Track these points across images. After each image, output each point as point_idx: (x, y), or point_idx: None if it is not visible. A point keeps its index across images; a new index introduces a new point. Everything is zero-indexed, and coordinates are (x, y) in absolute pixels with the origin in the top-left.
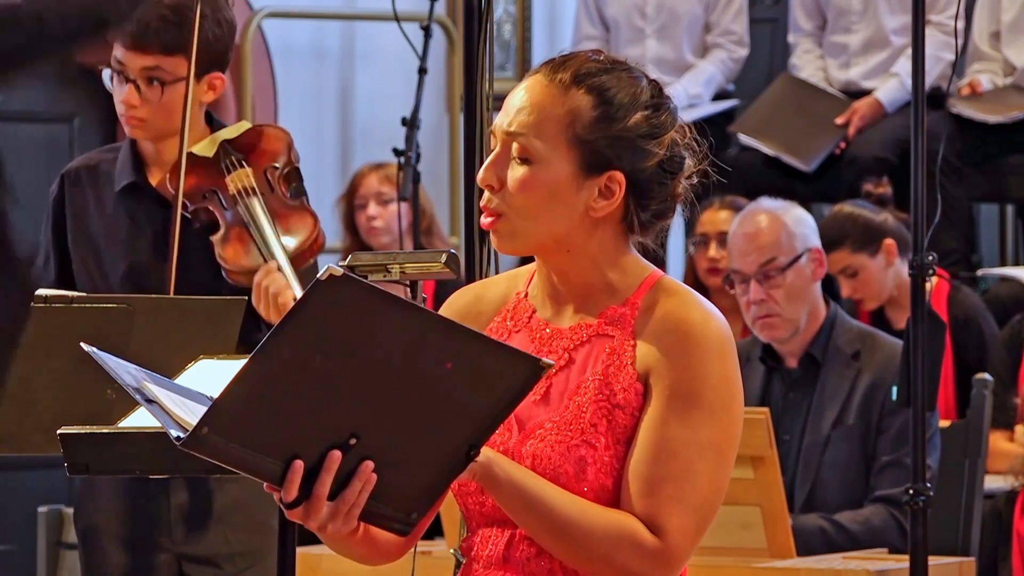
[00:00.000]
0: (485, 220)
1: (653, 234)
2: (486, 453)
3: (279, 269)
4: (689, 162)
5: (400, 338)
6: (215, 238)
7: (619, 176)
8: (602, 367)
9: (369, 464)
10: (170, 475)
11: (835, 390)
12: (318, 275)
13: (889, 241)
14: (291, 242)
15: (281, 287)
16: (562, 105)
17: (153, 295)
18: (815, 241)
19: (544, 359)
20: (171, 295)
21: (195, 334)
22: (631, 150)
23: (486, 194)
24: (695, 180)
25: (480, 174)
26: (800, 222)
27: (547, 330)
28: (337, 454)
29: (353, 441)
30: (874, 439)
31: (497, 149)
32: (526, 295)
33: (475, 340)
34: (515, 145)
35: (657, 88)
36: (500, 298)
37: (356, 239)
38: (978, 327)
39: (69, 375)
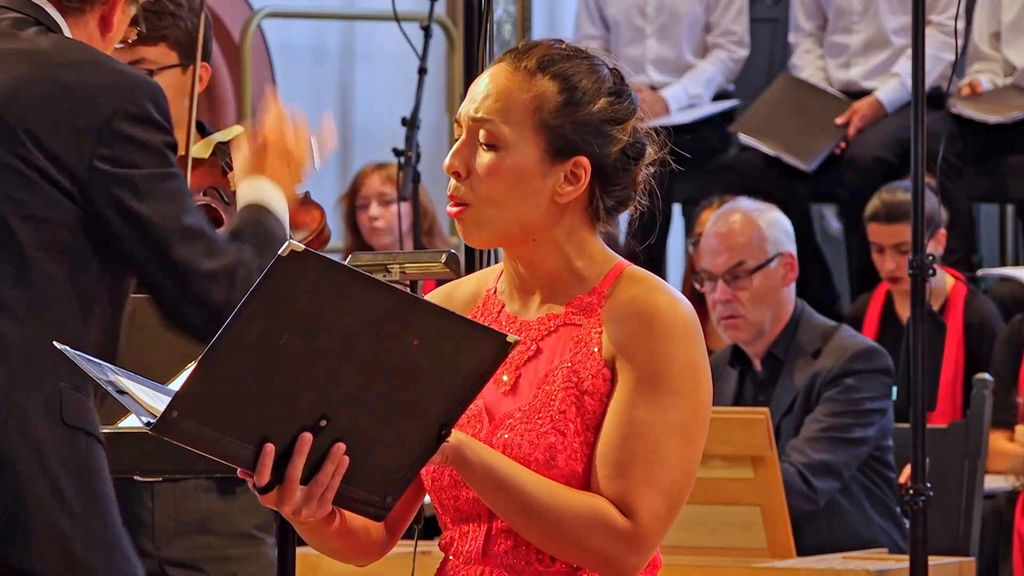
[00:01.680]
0: (451, 209)
1: (616, 222)
2: (457, 436)
3: None
4: (650, 149)
5: (366, 315)
6: (220, 231)
7: (584, 161)
8: (570, 355)
9: (341, 446)
10: (170, 476)
11: (792, 387)
12: (278, 251)
13: (943, 232)
14: (298, 235)
15: None
16: (528, 91)
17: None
18: (788, 246)
19: (510, 335)
20: None
21: None
22: (596, 135)
23: (452, 182)
24: (654, 169)
25: (446, 161)
26: (775, 225)
27: (515, 323)
28: (308, 436)
29: (324, 423)
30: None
31: (463, 136)
32: (495, 291)
33: (441, 316)
34: (482, 132)
35: (619, 76)
36: (470, 296)
37: (358, 239)
38: (992, 334)
39: None
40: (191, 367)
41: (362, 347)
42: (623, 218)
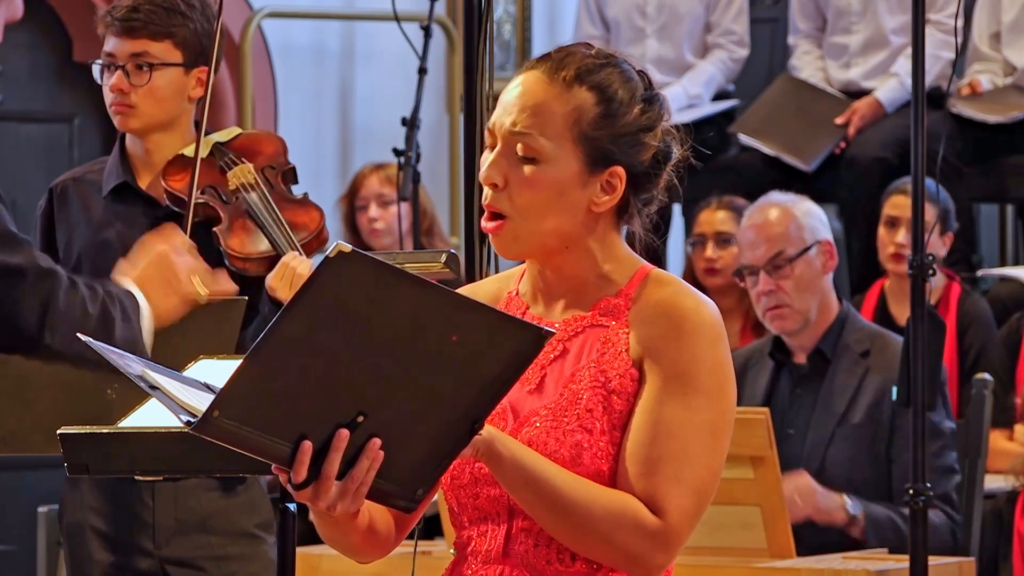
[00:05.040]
0: (488, 224)
1: (640, 222)
2: (489, 430)
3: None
4: (675, 150)
5: (408, 312)
6: (219, 229)
7: (620, 171)
8: (597, 355)
9: (376, 441)
10: (170, 475)
11: (842, 386)
12: (326, 252)
13: (950, 234)
14: (297, 236)
15: (308, 266)
16: (566, 103)
17: None
18: (825, 234)
19: (546, 327)
20: None
21: (195, 334)
22: (631, 144)
23: (487, 191)
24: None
25: (483, 172)
26: (810, 214)
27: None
28: (345, 433)
29: (360, 419)
30: (888, 439)
31: (499, 147)
32: (517, 292)
33: (479, 311)
34: (520, 144)
35: (648, 80)
36: (491, 298)
37: (357, 240)
38: (984, 333)
39: (69, 375)
40: (202, 359)
41: (402, 344)
42: None
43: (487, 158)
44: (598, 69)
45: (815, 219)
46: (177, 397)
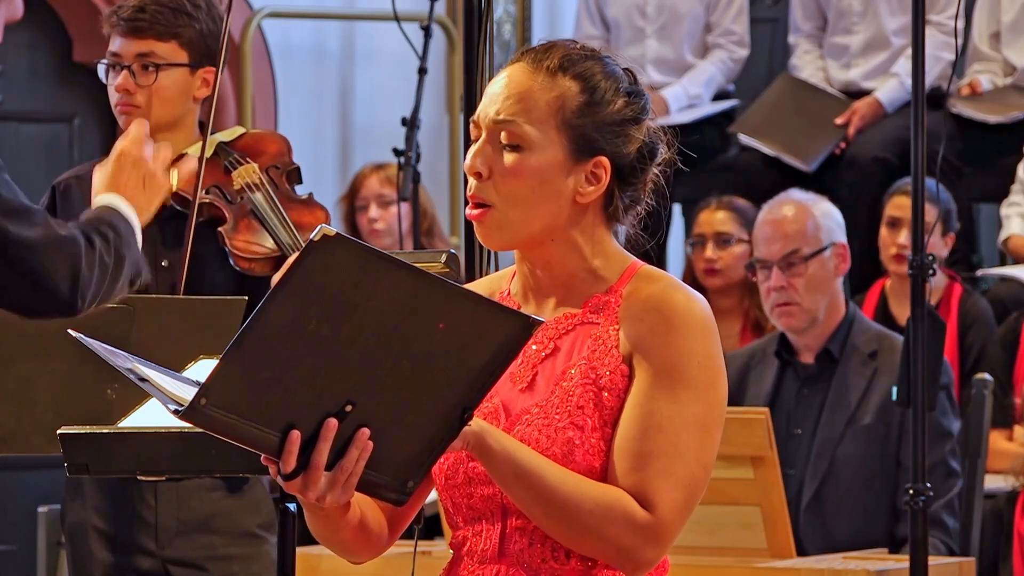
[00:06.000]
0: (472, 212)
1: (629, 221)
2: (479, 423)
3: None
4: (662, 149)
5: (394, 298)
6: (224, 228)
7: (605, 161)
8: (588, 352)
9: (365, 431)
10: (169, 475)
11: (851, 387)
12: (311, 236)
13: (952, 235)
14: (304, 234)
15: None
16: (550, 91)
17: (153, 295)
18: (840, 236)
19: (534, 316)
20: (178, 295)
21: (195, 334)
22: (616, 135)
23: (472, 182)
24: (660, 168)
25: (467, 161)
26: (827, 215)
27: None
28: (333, 422)
29: (349, 408)
30: (898, 440)
31: (483, 137)
32: (509, 292)
33: (467, 299)
34: (504, 133)
35: (633, 76)
36: None
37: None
38: (986, 333)
39: (69, 375)
40: (202, 359)
41: (390, 331)
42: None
43: (471, 149)
44: (581, 60)
45: (832, 220)
46: (165, 388)
